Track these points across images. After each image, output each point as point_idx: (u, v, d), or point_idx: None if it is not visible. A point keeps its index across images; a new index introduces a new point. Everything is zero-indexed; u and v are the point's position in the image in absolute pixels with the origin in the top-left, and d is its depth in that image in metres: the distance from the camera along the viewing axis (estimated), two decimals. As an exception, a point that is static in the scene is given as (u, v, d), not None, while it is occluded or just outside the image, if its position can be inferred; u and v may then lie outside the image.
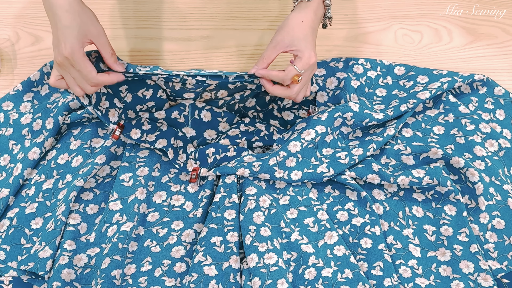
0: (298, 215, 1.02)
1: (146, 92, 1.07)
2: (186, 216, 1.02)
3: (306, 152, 1.05)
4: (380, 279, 0.95)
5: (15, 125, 1.09)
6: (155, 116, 1.08)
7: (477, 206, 1.02)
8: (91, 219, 1.02)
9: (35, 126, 1.09)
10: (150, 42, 1.19)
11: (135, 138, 1.05)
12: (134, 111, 1.08)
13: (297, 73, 0.98)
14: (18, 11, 1.21)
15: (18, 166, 1.04)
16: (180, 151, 1.07)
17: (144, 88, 1.07)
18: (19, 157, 1.06)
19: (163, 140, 1.05)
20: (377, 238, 0.98)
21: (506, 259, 0.99)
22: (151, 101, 1.08)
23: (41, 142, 1.06)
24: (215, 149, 1.06)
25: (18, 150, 1.07)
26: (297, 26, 0.99)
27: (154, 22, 1.22)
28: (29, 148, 1.06)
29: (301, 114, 1.12)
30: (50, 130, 1.06)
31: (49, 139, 1.06)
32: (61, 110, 1.07)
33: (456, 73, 1.14)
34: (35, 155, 1.05)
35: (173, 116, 1.08)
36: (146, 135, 1.06)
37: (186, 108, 1.09)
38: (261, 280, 0.93)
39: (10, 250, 0.99)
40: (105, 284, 0.94)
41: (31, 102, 1.12)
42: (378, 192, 1.04)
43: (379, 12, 1.23)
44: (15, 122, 1.10)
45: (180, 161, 1.06)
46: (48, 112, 1.09)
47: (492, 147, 1.08)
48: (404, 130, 1.10)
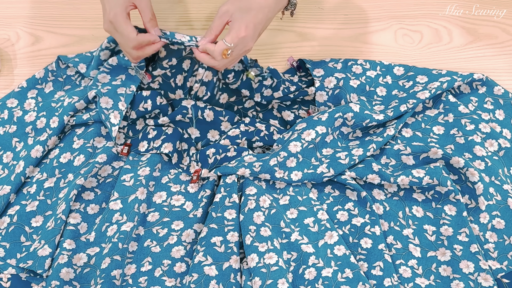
0: (298, 215, 1.02)
1: (146, 105, 1.08)
2: (186, 216, 1.02)
3: (306, 152, 1.05)
4: (380, 279, 0.95)
5: (18, 123, 1.09)
6: (160, 123, 1.09)
7: (477, 206, 1.02)
8: (91, 219, 1.02)
9: (38, 124, 1.09)
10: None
11: (143, 151, 1.06)
12: (143, 119, 1.10)
13: (226, 47, 0.96)
14: (18, 11, 1.21)
15: (21, 163, 1.04)
16: (184, 154, 1.07)
17: (143, 102, 1.08)
18: (22, 155, 1.06)
19: (169, 144, 1.06)
20: (377, 238, 0.98)
21: (506, 259, 0.99)
22: (156, 109, 1.09)
23: (44, 140, 1.06)
24: (215, 149, 1.06)
25: (21, 147, 1.07)
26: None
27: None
28: (32, 146, 1.06)
29: (301, 114, 1.12)
30: (54, 129, 1.06)
31: (52, 137, 1.06)
32: (67, 110, 1.07)
33: (455, 72, 1.14)
34: (38, 153, 1.05)
35: (177, 119, 1.09)
36: (152, 143, 1.06)
37: (189, 110, 1.09)
38: (261, 280, 0.93)
39: (9, 248, 0.99)
40: (105, 284, 0.94)
41: (35, 99, 1.12)
42: (378, 192, 1.04)
43: (379, 12, 1.23)
44: (19, 120, 1.10)
45: (184, 165, 1.06)
46: (53, 111, 1.09)
47: (492, 147, 1.08)
48: (404, 130, 1.10)
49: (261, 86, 1.11)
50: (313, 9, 1.24)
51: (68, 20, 1.21)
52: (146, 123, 1.10)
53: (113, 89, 1.08)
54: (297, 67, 1.14)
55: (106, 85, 1.08)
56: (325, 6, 1.25)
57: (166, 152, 1.05)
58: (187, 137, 1.09)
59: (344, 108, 1.06)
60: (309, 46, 1.20)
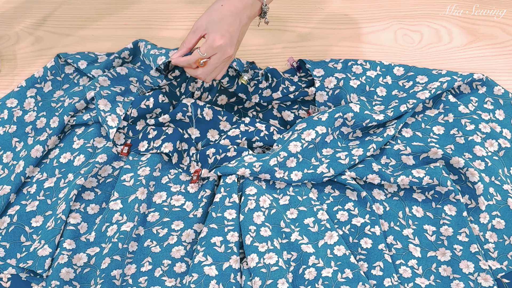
0: (298, 215, 1.02)
1: (148, 102, 1.08)
2: (186, 216, 1.02)
3: (306, 152, 1.05)
4: (380, 279, 0.95)
5: (18, 123, 1.09)
6: (161, 121, 1.09)
7: (477, 206, 1.02)
8: (91, 219, 1.01)
9: (38, 124, 1.09)
10: (151, 42, 1.19)
11: (143, 151, 1.06)
12: (144, 119, 1.09)
13: (200, 57, 0.99)
14: (18, 11, 1.21)
15: (21, 163, 1.04)
16: (184, 154, 1.07)
17: (145, 99, 1.08)
18: (22, 155, 1.06)
19: (169, 144, 1.06)
20: (377, 238, 0.98)
21: (506, 259, 0.99)
22: (157, 108, 1.09)
23: (44, 140, 1.06)
24: (215, 149, 1.06)
25: (21, 147, 1.07)
26: (216, 10, 1.00)
27: (155, 22, 1.23)
28: (32, 146, 1.06)
29: (301, 114, 1.12)
30: (54, 128, 1.06)
31: (52, 137, 1.06)
32: (67, 110, 1.07)
33: (455, 72, 1.14)
34: (38, 153, 1.05)
35: (177, 118, 1.09)
36: (152, 143, 1.06)
37: (189, 108, 1.09)
38: (261, 280, 0.93)
39: (9, 248, 0.99)
40: (105, 284, 0.94)
41: (34, 98, 1.12)
42: (378, 192, 1.04)
43: (379, 12, 1.23)
44: (18, 120, 1.10)
45: (184, 165, 1.06)
46: (53, 111, 1.09)
47: (492, 147, 1.08)
48: (404, 130, 1.10)
49: (257, 89, 1.11)
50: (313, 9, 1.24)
51: (68, 20, 1.21)
52: (147, 123, 1.10)
53: (112, 95, 1.08)
54: (297, 68, 1.14)
55: (105, 89, 1.08)
56: (325, 6, 1.25)
57: (166, 151, 1.05)
58: (187, 137, 1.09)
59: (344, 108, 1.06)
60: (309, 46, 1.20)
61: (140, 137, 1.08)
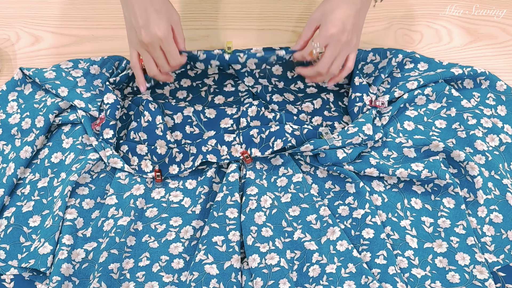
0: (301, 212, 1.01)
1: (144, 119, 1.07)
2: (185, 212, 1.01)
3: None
4: (384, 268, 0.95)
5: (3, 126, 1.08)
6: (178, 140, 1.09)
7: (475, 200, 1.02)
8: (87, 214, 1.01)
9: (24, 125, 1.08)
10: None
11: (176, 173, 1.05)
12: (166, 142, 1.07)
13: (313, 47, 0.99)
14: (18, 11, 1.21)
15: (11, 165, 1.04)
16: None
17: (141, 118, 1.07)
18: (11, 157, 1.05)
19: (209, 157, 1.05)
20: (378, 227, 0.98)
21: (503, 253, 0.99)
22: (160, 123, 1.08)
23: (32, 140, 1.05)
24: (258, 129, 1.05)
25: (9, 150, 1.07)
26: (328, 1, 1.00)
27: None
28: (20, 147, 1.05)
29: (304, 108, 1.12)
30: (41, 128, 1.06)
31: (40, 137, 1.06)
32: (51, 108, 1.07)
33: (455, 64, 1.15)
34: (27, 153, 1.04)
35: (188, 132, 1.09)
36: (183, 165, 1.05)
37: (192, 118, 1.10)
38: (263, 281, 0.93)
39: (10, 249, 0.99)
40: (103, 278, 0.94)
41: (17, 101, 1.11)
42: (377, 183, 1.04)
43: (379, 12, 1.24)
44: (3, 123, 1.09)
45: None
46: (36, 111, 1.08)
47: (493, 142, 1.08)
48: (406, 123, 1.10)
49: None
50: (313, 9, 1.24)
51: (68, 20, 1.21)
52: (169, 147, 1.07)
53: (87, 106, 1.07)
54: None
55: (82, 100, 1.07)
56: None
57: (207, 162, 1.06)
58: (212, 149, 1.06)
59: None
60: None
61: (167, 161, 1.06)
